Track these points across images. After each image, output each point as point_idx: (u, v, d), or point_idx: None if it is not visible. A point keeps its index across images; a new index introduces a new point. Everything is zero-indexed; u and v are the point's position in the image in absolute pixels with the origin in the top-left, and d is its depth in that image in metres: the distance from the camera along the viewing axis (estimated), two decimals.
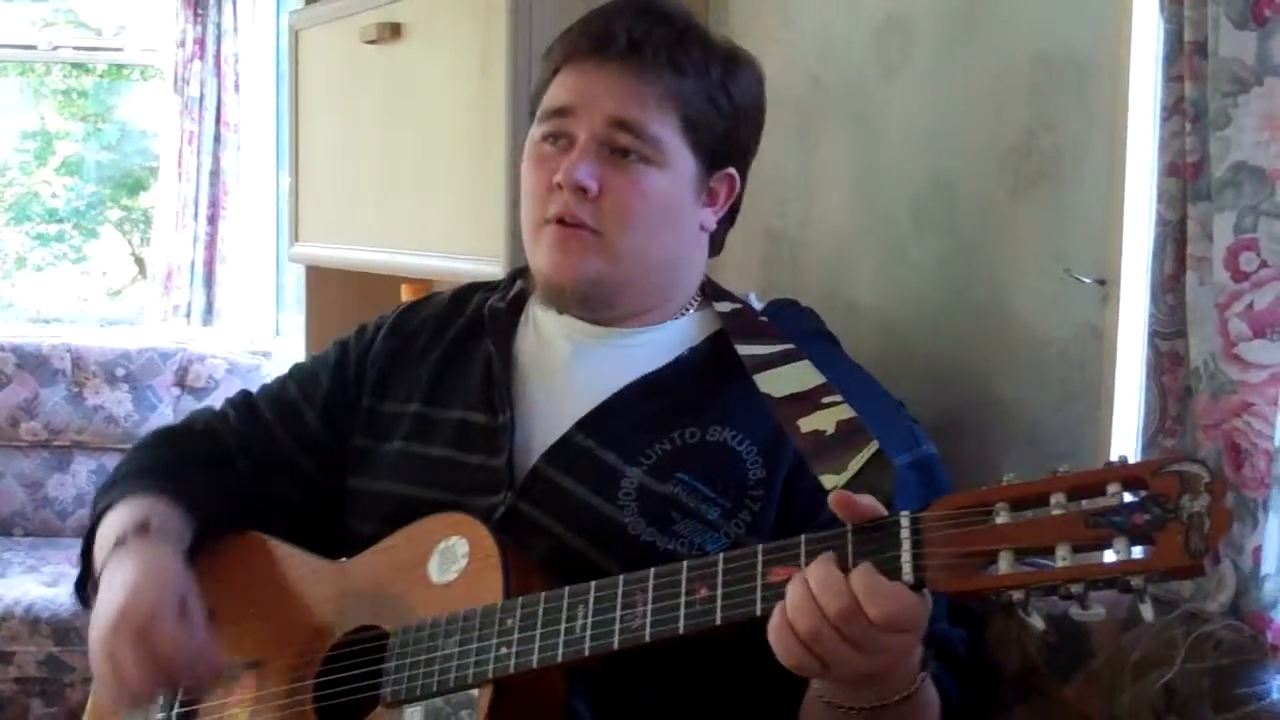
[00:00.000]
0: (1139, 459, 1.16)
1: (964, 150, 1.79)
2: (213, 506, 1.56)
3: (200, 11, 4.36)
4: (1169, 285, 1.43)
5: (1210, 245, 1.38)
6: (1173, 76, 1.41)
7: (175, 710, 1.47)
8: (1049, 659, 1.43)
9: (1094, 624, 1.37)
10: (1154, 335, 1.45)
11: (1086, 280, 1.58)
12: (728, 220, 1.59)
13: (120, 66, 5.16)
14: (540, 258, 1.50)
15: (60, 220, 5.37)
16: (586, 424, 1.48)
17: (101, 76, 5.27)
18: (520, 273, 1.64)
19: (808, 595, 1.14)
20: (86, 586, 1.52)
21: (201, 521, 1.55)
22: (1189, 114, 1.39)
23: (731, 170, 1.54)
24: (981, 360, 1.76)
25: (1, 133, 5.24)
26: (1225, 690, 1.27)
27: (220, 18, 4.34)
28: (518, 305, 1.61)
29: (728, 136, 1.52)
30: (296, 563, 1.52)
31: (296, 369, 1.71)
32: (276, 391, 1.69)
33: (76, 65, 5.20)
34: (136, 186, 5.31)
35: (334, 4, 2.81)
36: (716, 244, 1.60)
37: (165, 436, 1.69)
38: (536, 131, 1.52)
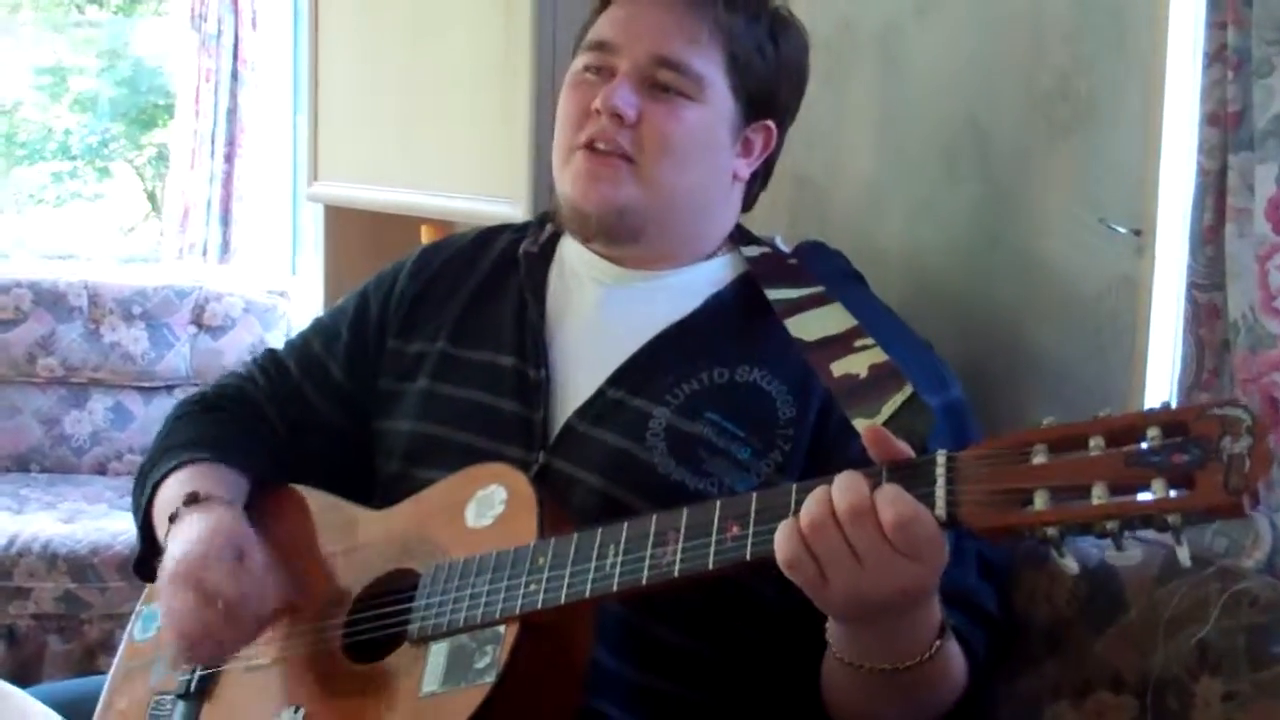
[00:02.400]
0: (1180, 405, 1.14)
1: (998, 94, 1.76)
2: (257, 465, 1.57)
3: None
4: (1208, 236, 1.41)
5: (1251, 196, 1.36)
6: (1215, 22, 1.38)
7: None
8: (1080, 612, 1.41)
9: (1127, 578, 1.37)
10: (1192, 287, 1.43)
11: (1122, 230, 1.55)
12: (761, 177, 1.58)
13: (135, 1, 5.12)
14: (567, 183, 1.50)
15: (74, 157, 5.35)
16: (618, 378, 1.48)
17: (116, 11, 5.23)
18: (549, 216, 1.63)
19: (824, 491, 1.13)
20: (148, 564, 1.51)
21: (250, 478, 1.55)
22: (1231, 61, 1.36)
23: (770, 123, 1.54)
24: (1012, 309, 1.74)
25: (15, 69, 5.20)
26: (1261, 647, 1.25)
27: None
28: (548, 249, 1.61)
29: (770, 88, 1.52)
30: (336, 512, 1.52)
31: (317, 324, 1.71)
32: (301, 349, 1.68)
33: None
34: (150, 123, 5.28)
35: None
36: (748, 199, 1.59)
37: (199, 404, 1.67)
38: (578, 62, 1.53)
